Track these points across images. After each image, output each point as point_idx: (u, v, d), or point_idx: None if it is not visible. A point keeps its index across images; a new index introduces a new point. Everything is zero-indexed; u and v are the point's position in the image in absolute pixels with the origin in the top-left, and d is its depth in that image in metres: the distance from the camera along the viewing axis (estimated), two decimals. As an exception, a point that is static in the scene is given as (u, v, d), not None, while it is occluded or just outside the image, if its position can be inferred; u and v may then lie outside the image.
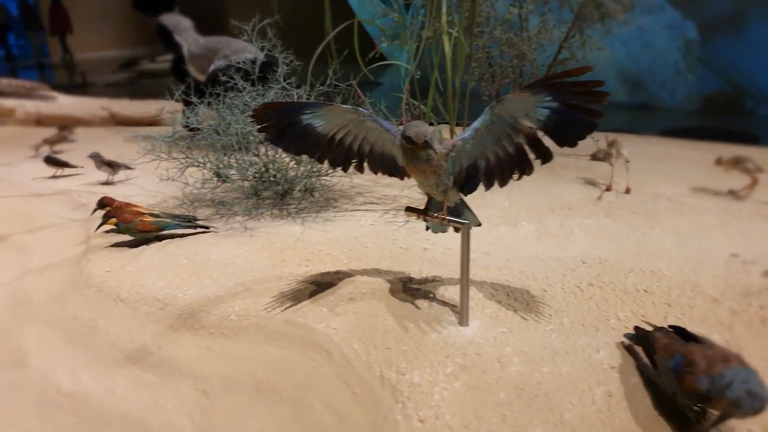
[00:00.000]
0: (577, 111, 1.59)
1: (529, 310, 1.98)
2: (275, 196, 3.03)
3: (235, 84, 3.07)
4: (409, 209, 1.94)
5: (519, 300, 2.06)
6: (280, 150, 2.97)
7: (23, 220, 3.15)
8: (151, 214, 2.59)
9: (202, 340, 1.95)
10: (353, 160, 1.91)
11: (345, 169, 1.93)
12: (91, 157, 3.48)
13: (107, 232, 2.78)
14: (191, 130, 3.13)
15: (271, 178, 2.98)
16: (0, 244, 2.95)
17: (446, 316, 1.95)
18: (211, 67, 4.58)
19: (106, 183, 3.54)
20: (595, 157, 3.86)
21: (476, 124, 1.76)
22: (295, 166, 3.02)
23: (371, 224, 2.73)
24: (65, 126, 5.04)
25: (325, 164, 1.95)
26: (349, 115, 1.78)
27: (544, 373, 1.67)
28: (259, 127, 1.76)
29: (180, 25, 5.06)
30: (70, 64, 11.93)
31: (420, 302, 2.03)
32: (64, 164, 3.77)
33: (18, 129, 5.78)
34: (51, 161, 3.74)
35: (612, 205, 3.01)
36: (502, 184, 1.84)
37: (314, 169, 2.97)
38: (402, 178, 1.97)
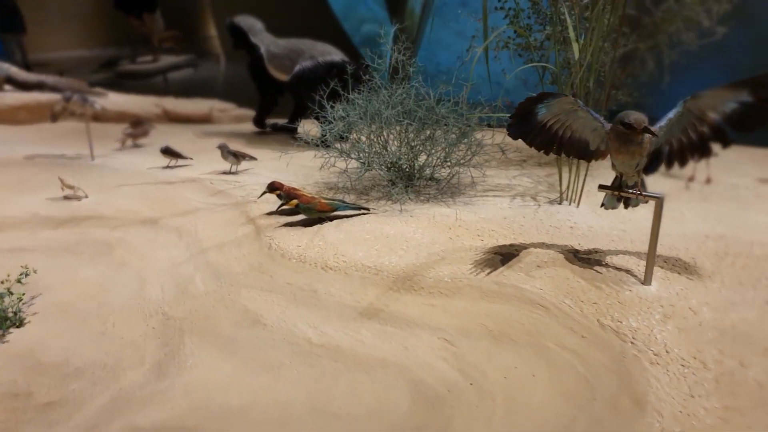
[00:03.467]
0: (770, 105, 1.96)
1: (690, 273, 2.35)
2: (406, 184, 3.33)
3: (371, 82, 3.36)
4: (602, 186, 2.29)
5: (677, 265, 2.42)
6: (412, 142, 3.28)
7: (165, 205, 3.37)
8: (322, 197, 2.87)
9: (423, 299, 2.25)
10: (554, 145, 2.25)
11: (547, 152, 2.26)
12: (219, 148, 3.71)
13: (269, 213, 3.05)
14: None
15: (404, 167, 3.29)
16: (154, 226, 3.17)
17: (626, 278, 2.30)
18: (297, 68, 4.84)
19: (230, 172, 3.77)
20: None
21: (670, 114, 2.12)
22: (414, 158, 3.33)
23: (509, 207, 3.07)
24: (138, 121, 5.20)
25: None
26: (567, 105, 2.12)
27: (733, 318, 2.04)
28: (510, 115, 2.08)
29: (255, 26, 5.30)
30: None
31: (598, 268, 2.38)
32: (178, 155, 3.98)
33: (78, 125, 5.87)
34: (168, 152, 3.95)
35: (701, 193, 3.42)
36: (682, 165, 2.20)
37: (447, 161, 3.28)
38: (589, 161, 2.32)
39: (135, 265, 2.85)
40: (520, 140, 2.24)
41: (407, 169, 3.30)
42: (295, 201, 2.78)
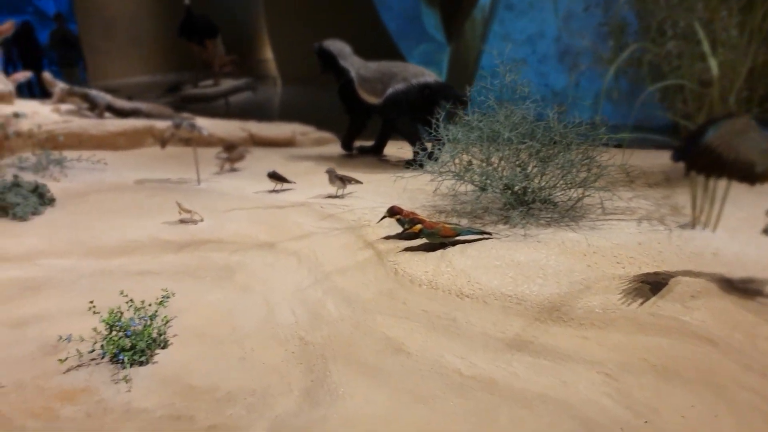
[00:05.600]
0: None
1: None
2: (522, 207, 3.24)
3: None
4: (770, 212, 2.14)
5: None
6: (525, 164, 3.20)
7: (279, 229, 3.40)
8: (444, 222, 2.82)
9: (575, 331, 2.15)
10: (716, 167, 2.12)
11: (707, 175, 2.15)
12: (327, 172, 3.75)
13: (386, 237, 3.03)
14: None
15: (518, 190, 3.20)
16: (272, 250, 3.20)
17: (796, 310, 2.13)
18: (390, 90, 4.86)
19: (336, 196, 3.79)
20: None
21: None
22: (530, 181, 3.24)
23: (639, 232, 2.92)
24: (231, 145, 5.34)
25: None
26: (738, 126, 2.00)
27: None
28: (683, 138, 1.99)
29: (344, 50, 5.37)
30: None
31: (761, 299, 2.21)
32: (284, 179, 4.04)
33: (173, 149, 6.07)
34: (275, 176, 4.02)
35: None
36: None
37: (569, 184, 3.17)
38: (753, 184, 2.17)
39: (259, 289, 2.87)
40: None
41: (521, 192, 3.21)
42: (419, 226, 2.74)
